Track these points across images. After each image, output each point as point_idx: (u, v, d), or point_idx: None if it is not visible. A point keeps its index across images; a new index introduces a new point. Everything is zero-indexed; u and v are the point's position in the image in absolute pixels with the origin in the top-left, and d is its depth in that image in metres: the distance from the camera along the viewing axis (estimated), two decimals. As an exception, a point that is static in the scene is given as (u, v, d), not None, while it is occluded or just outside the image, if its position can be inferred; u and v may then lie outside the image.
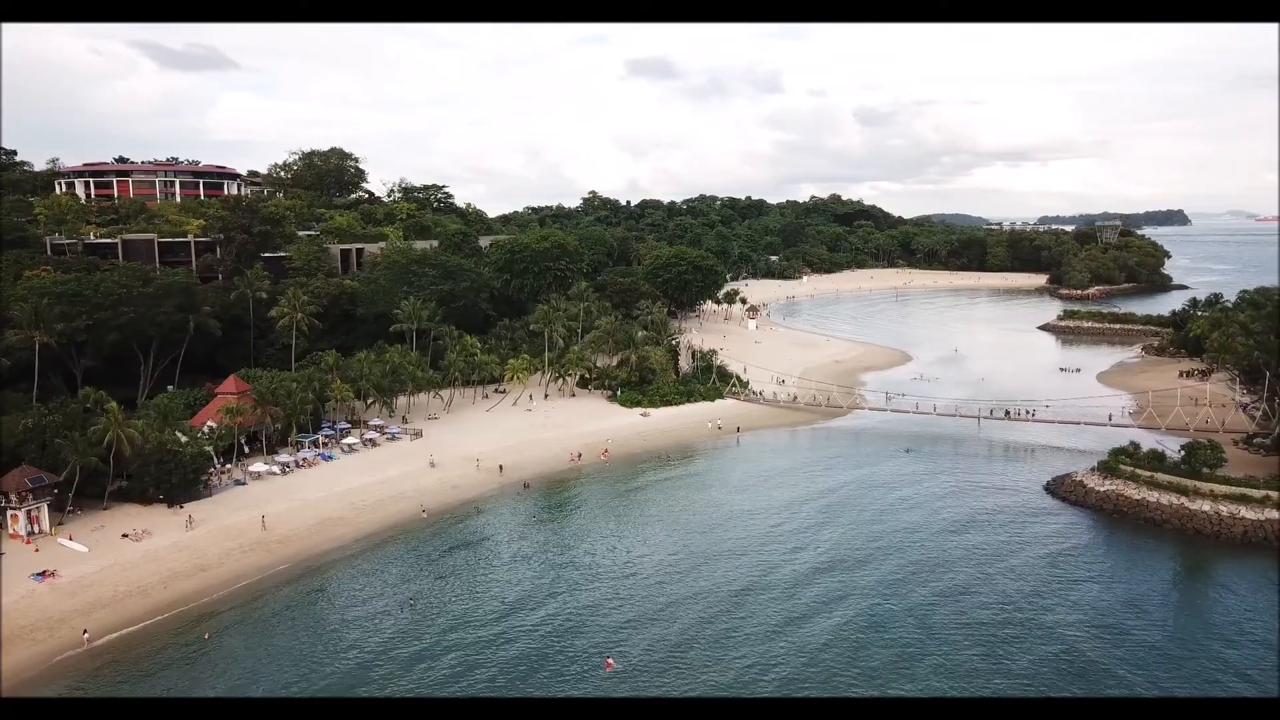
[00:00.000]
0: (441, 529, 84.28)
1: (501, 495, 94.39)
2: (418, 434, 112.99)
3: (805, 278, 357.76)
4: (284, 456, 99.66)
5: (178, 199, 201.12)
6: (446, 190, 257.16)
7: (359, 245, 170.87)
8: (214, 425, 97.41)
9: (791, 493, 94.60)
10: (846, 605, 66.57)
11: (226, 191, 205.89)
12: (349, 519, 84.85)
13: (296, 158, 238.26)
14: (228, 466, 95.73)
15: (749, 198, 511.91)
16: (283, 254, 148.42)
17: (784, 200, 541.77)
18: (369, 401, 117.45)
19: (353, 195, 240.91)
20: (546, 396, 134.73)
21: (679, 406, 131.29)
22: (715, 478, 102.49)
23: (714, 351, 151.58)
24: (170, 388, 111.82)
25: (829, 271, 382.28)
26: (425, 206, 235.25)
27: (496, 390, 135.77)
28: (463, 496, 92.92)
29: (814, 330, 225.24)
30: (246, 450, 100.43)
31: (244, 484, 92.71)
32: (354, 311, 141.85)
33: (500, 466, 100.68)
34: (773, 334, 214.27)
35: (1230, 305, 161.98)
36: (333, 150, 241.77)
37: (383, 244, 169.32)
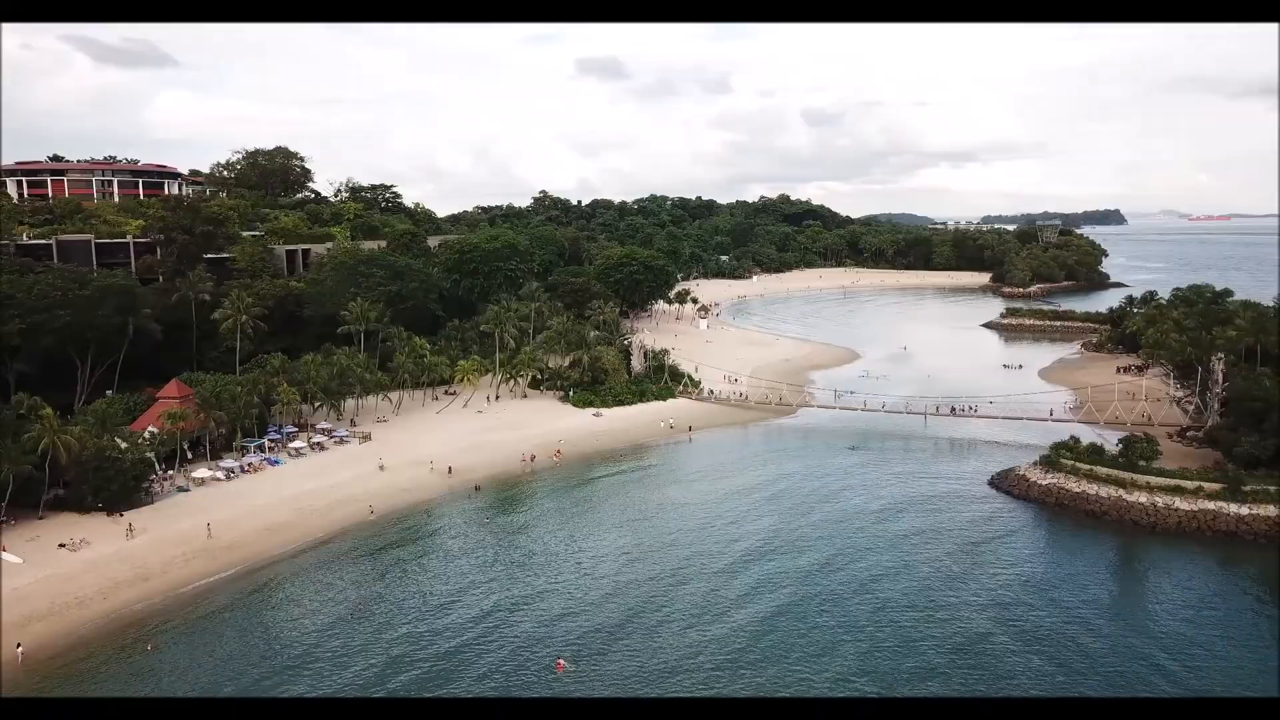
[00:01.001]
0: (391, 533, 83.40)
1: (452, 498, 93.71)
2: (366, 437, 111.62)
3: (755, 277, 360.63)
4: (229, 462, 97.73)
5: (116, 199, 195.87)
6: (395, 190, 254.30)
7: (305, 246, 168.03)
8: (155, 431, 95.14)
9: (742, 490, 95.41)
10: (796, 597, 67.47)
11: (167, 191, 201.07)
12: (296, 524, 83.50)
13: (240, 157, 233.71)
14: (170, 473, 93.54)
15: (699, 198, 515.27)
16: (226, 255, 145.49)
17: (734, 200, 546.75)
18: (316, 405, 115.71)
19: (298, 195, 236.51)
20: (498, 398, 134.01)
21: (632, 406, 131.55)
22: (668, 476, 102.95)
23: (666, 351, 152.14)
24: (109, 393, 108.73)
25: (778, 271, 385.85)
26: (373, 206, 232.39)
27: (447, 392, 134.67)
28: (413, 499, 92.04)
29: (764, 329, 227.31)
30: (190, 456, 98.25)
31: (187, 491, 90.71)
32: (300, 313, 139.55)
33: (450, 468, 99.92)
34: (724, 333, 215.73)
35: (1164, 302, 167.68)
36: (278, 149, 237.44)
37: (330, 244, 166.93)
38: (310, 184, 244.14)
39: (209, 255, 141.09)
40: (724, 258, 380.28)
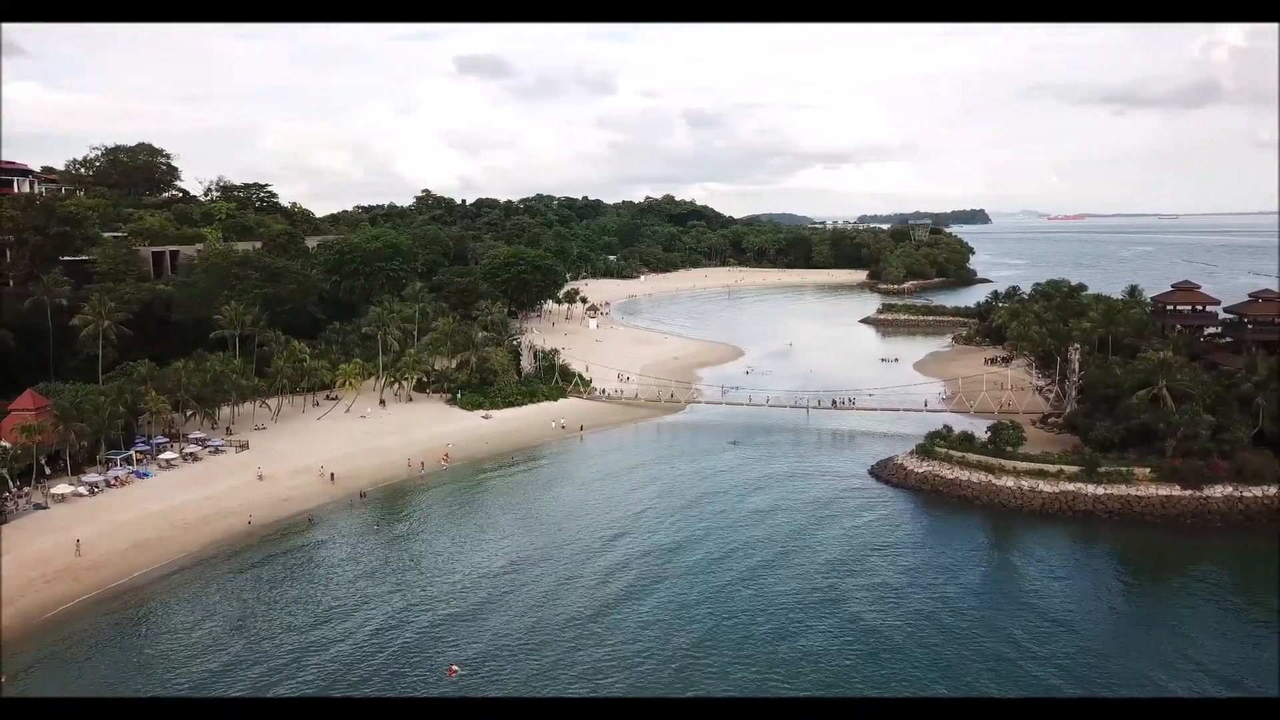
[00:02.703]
0: (272, 544, 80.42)
1: (336, 506, 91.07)
2: (243, 446, 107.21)
3: (643, 277, 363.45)
4: (92, 476, 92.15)
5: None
6: (269, 189, 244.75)
7: (173, 247, 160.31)
8: (7, 445, 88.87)
9: (632, 488, 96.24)
10: (681, 591, 68.65)
11: (17, 189, 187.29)
12: (169, 539, 79.49)
13: (99, 154, 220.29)
14: (26, 490, 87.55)
15: (586, 198, 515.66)
16: (86, 258, 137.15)
17: (620, 200, 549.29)
18: (189, 414, 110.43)
19: (165, 194, 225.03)
20: (382, 402, 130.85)
21: (522, 407, 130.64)
22: (559, 477, 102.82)
23: (556, 351, 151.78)
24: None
25: (666, 270, 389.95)
26: (246, 206, 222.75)
27: (328, 397, 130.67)
28: (294, 509, 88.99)
29: (653, 328, 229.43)
30: (48, 471, 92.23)
31: (46, 508, 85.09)
32: (170, 318, 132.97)
33: (332, 475, 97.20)
34: (613, 332, 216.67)
35: (1026, 297, 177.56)
36: (141, 146, 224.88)
37: (200, 246, 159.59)
38: (178, 182, 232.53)
39: (67, 258, 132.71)
40: (612, 257, 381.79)
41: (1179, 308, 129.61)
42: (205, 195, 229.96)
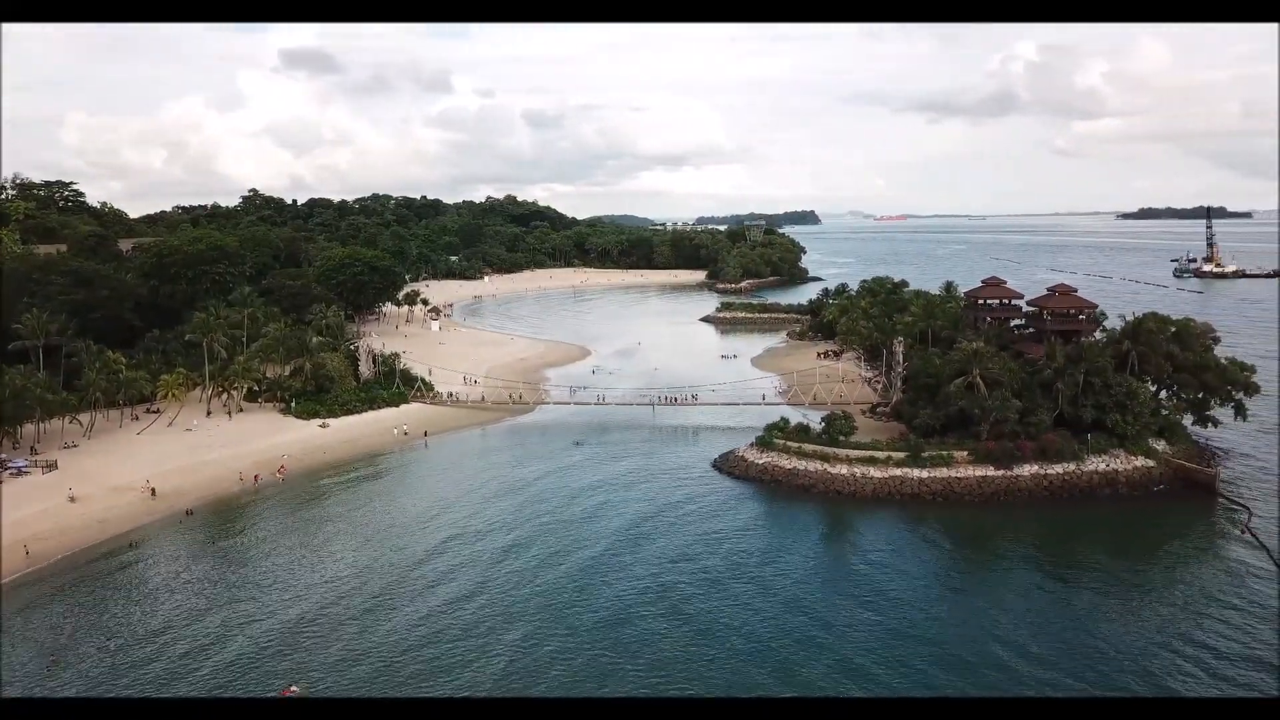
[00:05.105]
0: (89, 570, 74.57)
1: (161, 526, 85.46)
2: (51, 466, 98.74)
3: (488, 278, 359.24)
4: None
5: None
6: (75, 188, 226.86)
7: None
8: None
9: (477, 491, 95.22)
10: (514, 588, 68.92)
11: None
12: (-35, 572, 72.27)
13: None
14: None
15: (424, 197, 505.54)
16: None
17: (461, 201, 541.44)
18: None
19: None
20: (210, 414, 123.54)
21: (362, 414, 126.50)
22: (402, 484, 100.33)
23: (397, 355, 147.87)
24: None
25: (510, 271, 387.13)
26: (49, 206, 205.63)
27: (149, 410, 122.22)
28: (113, 531, 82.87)
29: (498, 329, 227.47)
30: None
31: None
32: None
33: (153, 490, 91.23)
34: (457, 334, 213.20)
35: (853, 294, 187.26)
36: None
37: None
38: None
39: None
40: (454, 258, 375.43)
41: (989, 301, 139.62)
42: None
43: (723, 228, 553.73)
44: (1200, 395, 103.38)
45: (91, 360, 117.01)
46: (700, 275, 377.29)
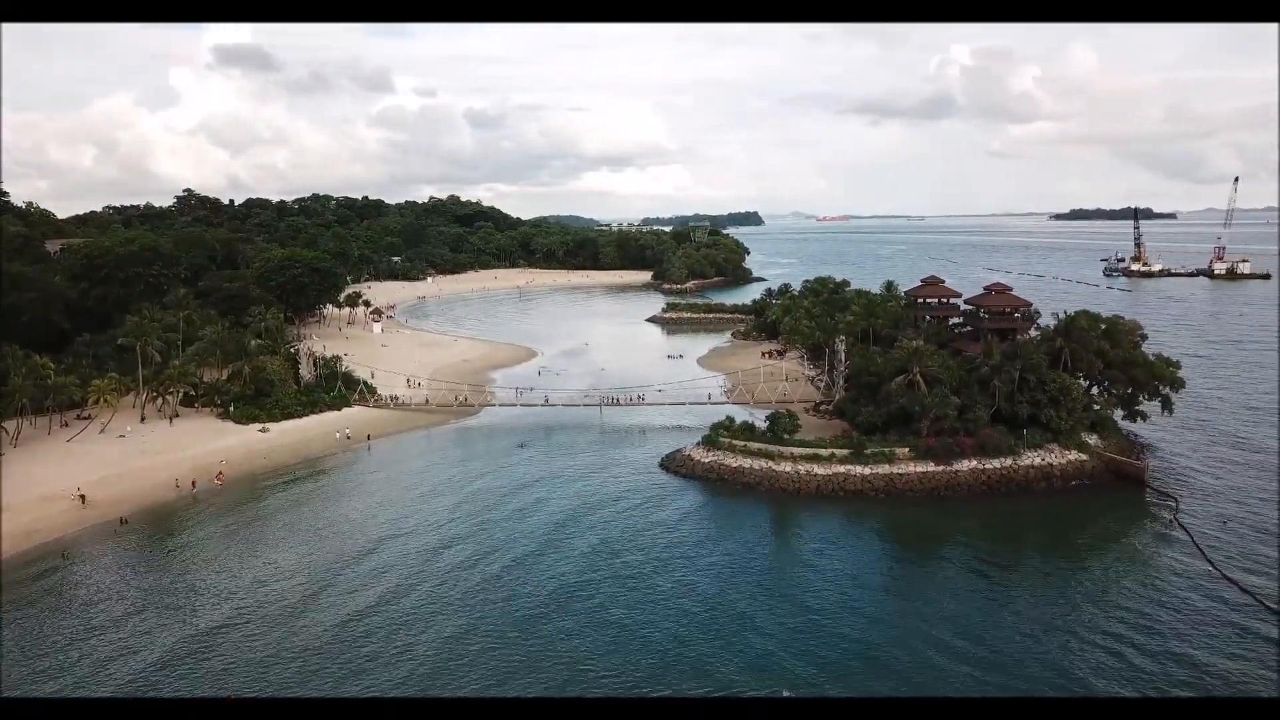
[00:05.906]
0: (17, 583, 71.99)
1: (93, 536, 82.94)
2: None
3: (431, 279, 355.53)
4: None
5: None
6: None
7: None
8: None
9: (422, 495, 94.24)
10: (442, 588, 68.76)
11: None
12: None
13: None
14: None
15: (366, 197, 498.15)
16: None
17: (403, 200, 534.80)
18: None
19: None
20: (144, 419, 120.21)
21: (303, 419, 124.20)
22: (344, 489, 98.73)
23: (338, 358, 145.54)
24: None
25: (454, 272, 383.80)
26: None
27: (80, 416, 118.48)
28: (42, 541, 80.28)
29: (442, 331, 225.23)
30: None
31: None
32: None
33: (84, 498, 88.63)
34: (400, 336, 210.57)
35: (796, 294, 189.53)
36: None
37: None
38: None
39: None
40: (396, 259, 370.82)
41: (928, 300, 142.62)
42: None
43: (668, 229, 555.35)
44: (1129, 391, 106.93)
45: (17, 365, 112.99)
46: (646, 276, 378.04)
